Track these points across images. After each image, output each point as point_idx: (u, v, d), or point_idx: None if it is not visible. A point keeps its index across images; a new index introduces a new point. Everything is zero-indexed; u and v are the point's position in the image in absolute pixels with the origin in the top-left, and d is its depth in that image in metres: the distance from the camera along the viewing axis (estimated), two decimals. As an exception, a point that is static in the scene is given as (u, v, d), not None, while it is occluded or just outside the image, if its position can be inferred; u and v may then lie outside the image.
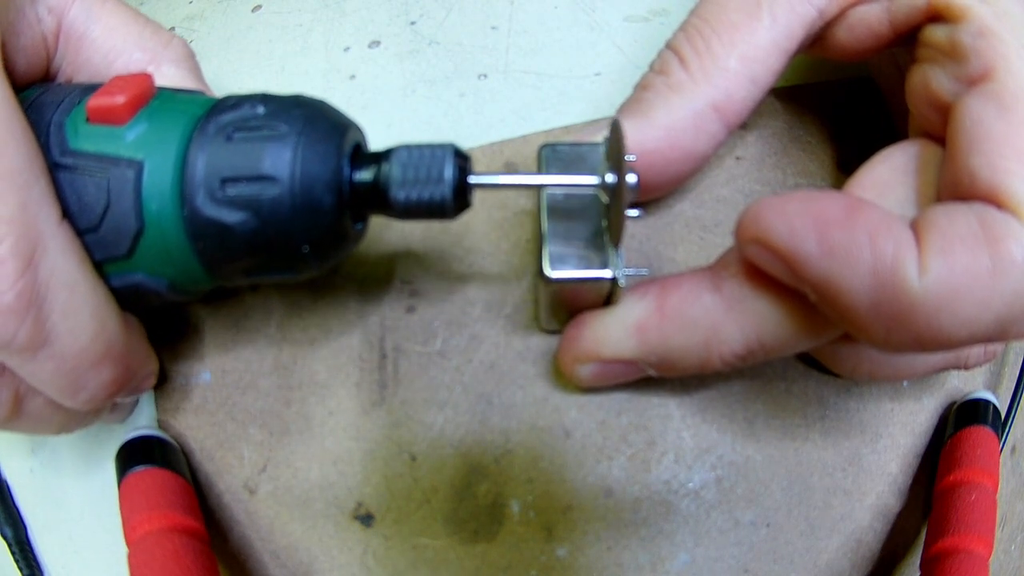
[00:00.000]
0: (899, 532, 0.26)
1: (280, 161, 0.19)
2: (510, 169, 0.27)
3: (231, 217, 0.19)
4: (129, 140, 0.20)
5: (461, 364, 0.25)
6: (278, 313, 0.26)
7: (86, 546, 0.27)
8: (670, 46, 0.23)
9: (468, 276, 0.26)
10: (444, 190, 0.20)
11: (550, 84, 0.28)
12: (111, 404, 0.25)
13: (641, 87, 0.23)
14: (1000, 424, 0.27)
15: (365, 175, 0.20)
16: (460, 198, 0.20)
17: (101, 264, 0.20)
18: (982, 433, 0.26)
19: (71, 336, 0.20)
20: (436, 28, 0.29)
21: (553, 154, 0.23)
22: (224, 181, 0.19)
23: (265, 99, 0.20)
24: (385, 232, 0.26)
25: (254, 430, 0.25)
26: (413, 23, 0.30)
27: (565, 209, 0.23)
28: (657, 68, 0.23)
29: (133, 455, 0.24)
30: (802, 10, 0.22)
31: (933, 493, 0.26)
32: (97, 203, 0.20)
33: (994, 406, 0.27)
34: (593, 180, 0.20)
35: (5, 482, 0.29)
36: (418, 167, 0.20)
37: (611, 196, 0.21)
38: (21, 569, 0.28)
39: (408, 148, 0.20)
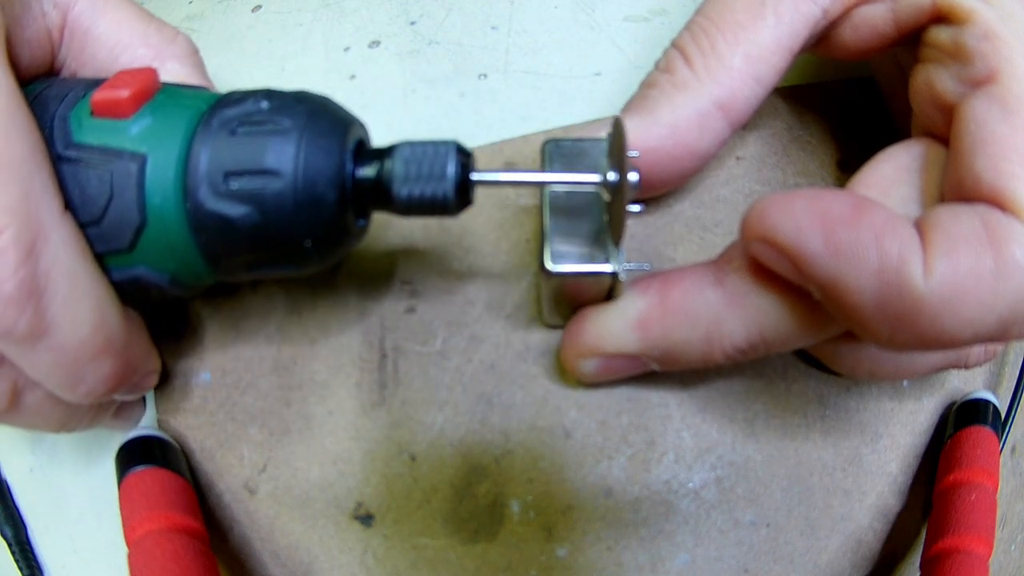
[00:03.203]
0: (899, 532, 0.26)
1: (283, 156, 0.19)
2: (510, 168, 0.27)
3: (234, 211, 0.19)
4: (133, 134, 0.20)
5: (461, 364, 0.25)
6: (278, 313, 0.26)
7: (86, 546, 0.27)
8: (675, 45, 0.23)
9: (468, 276, 0.26)
10: (446, 187, 0.20)
11: (550, 84, 0.28)
12: (113, 405, 0.25)
13: (646, 85, 0.24)
14: (1000, 424, 0.27)
15: (368, 171, 0.20)
16: (462, 195, 0.20)
17: (103, 257, 0.20)
18: (982, 433, 0.26)
19: (71, 327, 0.19)
20: (436, 28, 0.29)
21: (556, 149, 0.23)
22: (227, 175, 0.19)
23: (269, 95, 0.20)
24: (385, 232, 0.26)
25: (254, 430, 0.25)
26: (413, 23, 0.30)
27: (567, 204, 0.23)
28: (662, 67, 0.23)
29: (133, 455, 0.24)
30: (806, 10, 0.23)
31: (933, 493, 0.26)
32: (100, 196, 0.20)
33: (994, 406, 0.27)
34: (595, 178, 0.20)
35: (5, 482, 0.29)
36: (421, 164, 0.20)
37: (613, 194, 0.21)
38: (21, 569, 0.28)
39: (411, 145, 0.20)
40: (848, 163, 0.28)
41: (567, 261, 0.21)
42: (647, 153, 0.23)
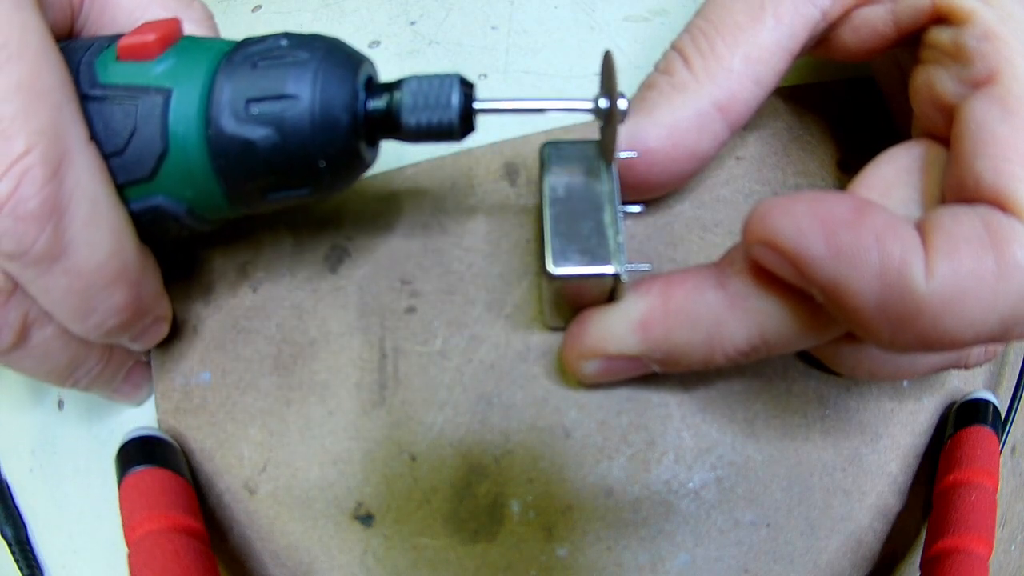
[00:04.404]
0: (899, 532, 0.26)
1: (302, 82, 0.20)
2: (510, 170, 0.27)
3: (254, 133, 0.20)
4: (158, 72, 0.21)
5: (461, 364, 0.25)
6: (278, 313, 0.26)
7: (86, 546, 0.27)
8: (675, 47, 0.24)
9: (468, 276, 0.26)
10: (451, 115, 0.21)
11: (550, 84, 0.28)
12: (123, 366, 0.25)
13: (645, 87, 0.24)
14: (1000, 424, 0.27)
15: (378, 102, 0.21)
16: (466, 122, 0.21)
17: (123, 188, 0.21)
18: (982, 433, 0.26)
19: (88, 249, 0.20)
20: (436, 28, 0.29)
21: (555, 151, 0.24)
22: (249, 101, 0.20)
23: (288, 35, 0.21)
24: (386, 232, 0.26)
25: (254, 430, 0.25)
26: (413, 23, 0.30)
27: (567, 204, 0.23)
28: (661, 68, 0.23)
29: (133, 455, 0.24)
30: (806, 11, 0.23)
31: (933, 493, 0.26)
32: (124, 128, 0.21)
33: (994, 406, 0.27)
34: (587, 104, 0.21)
35: (5, 482, 0.29)
36: (427, 94, 0.21)
37: (604, 119, 0.22)
38: (21, 569, 0.28)
39: (418, 78, 0.21)
40: (848, 163, 0.28)
41: (569, 264, 0.22)
42: (646, 154, 0.23)
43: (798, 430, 0.26)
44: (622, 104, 0.21)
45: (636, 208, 0.24)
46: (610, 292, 0.23)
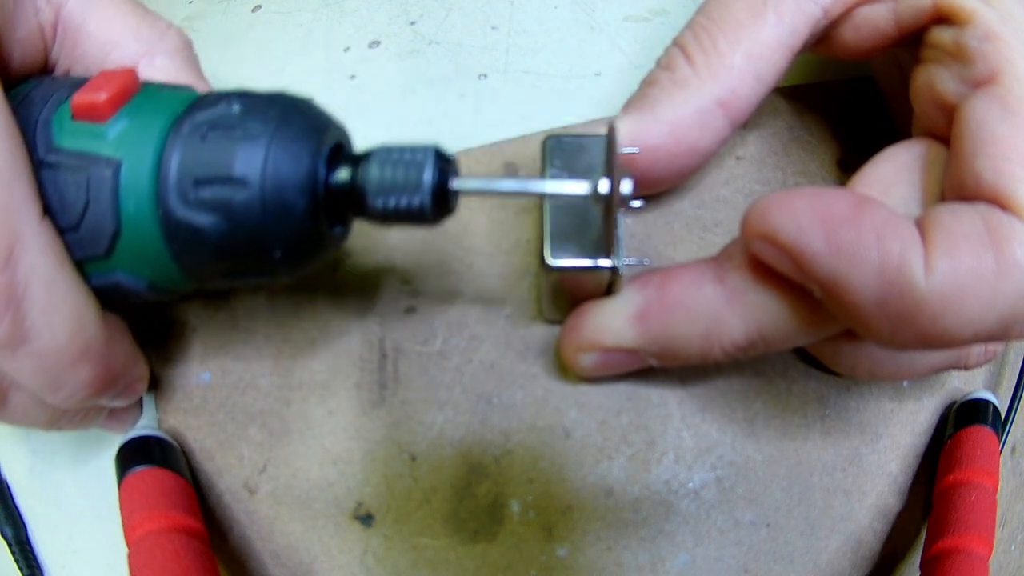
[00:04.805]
0: (899, 532, 0.26)
1: (251, 163, 0.18)
2: (509, 169, 0.27)
3: (202, 220, 0.19)
4: (110, 138, 0.19)
5: (461, 364, 0.25)
6: (278, 313, 0.26)
7: (86, 546, 0.27)
8: (676, 43, 0.24)
9: (468, 276, 0.26)
10: (423, 198, 0.19)
11: (550, 84, 0.28)
12: (102, 409, 0.25)
13: (647, 83, 0.24)
14: (1000, 424, 0.27)
15: (342, 178, 0.19)
16: (440, 205, 0.19)
17: (81, 263, 0.20)
18: (982, 433, 0.26)
19: (49, 333, 0.19)
20: (436, 28, 0.29)
21: (557, 145, 0.23)
22: (197, 182, 0.19)
23: (243, 97, 0.20)
24: (385, 232, 0.26)
25: (254, 430, 0.25)
26: (413, 23, 0.30)
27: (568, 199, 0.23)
28: (663, 64, 0.23)
29: (133, 455, 0.24)
30: (807, 9, 0.23)
31: (933, 493, 0.26)
32: (77, 201, 0.19)
33: (994, 406, 0.27)
34: (584, 189, 0.19)
35: (5, 482, 0.29)
36: (396, 170, 0.19)
37: (604, 204, 0.20)
38: (21, 569, 0.28)
39: (388, 149, 0.19)
40: (848, 163, 0.28)
41: (566, 255, 0.22)
42: (647, 151, 0.23)
43: (798, 430, 0.26)
44: (625, 187, 0.19)
45: (636, 204, 0.24)
46: (608, 285, 0.23)
